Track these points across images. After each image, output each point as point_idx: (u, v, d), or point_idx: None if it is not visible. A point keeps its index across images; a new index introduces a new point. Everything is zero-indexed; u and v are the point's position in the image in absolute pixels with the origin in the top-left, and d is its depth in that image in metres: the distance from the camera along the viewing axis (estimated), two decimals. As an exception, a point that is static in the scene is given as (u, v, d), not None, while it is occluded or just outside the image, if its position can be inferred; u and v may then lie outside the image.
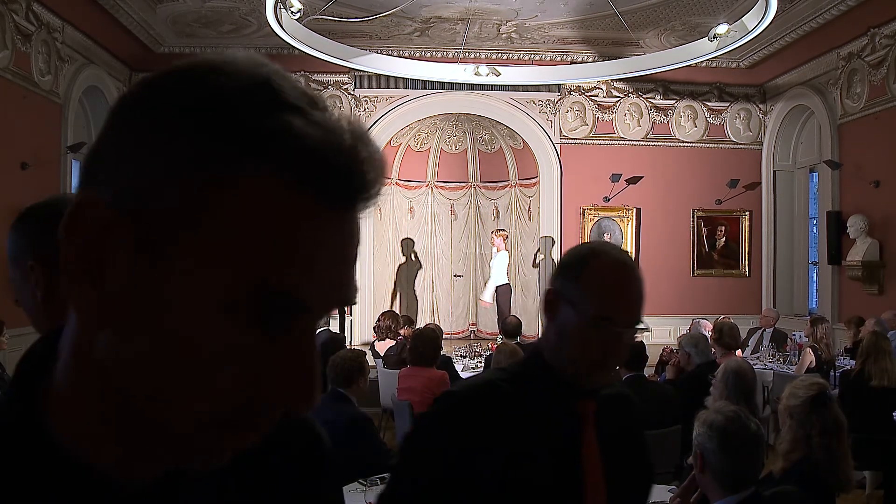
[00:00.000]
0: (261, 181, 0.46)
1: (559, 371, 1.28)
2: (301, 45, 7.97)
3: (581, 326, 1.24)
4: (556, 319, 1.29)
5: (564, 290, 1.28)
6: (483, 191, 11.68)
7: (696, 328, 6.66)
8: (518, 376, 1.33)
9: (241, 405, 0.47)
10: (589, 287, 1.25)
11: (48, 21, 7.93)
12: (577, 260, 1.30)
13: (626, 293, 1.27)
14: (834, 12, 8.20)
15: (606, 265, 1.27)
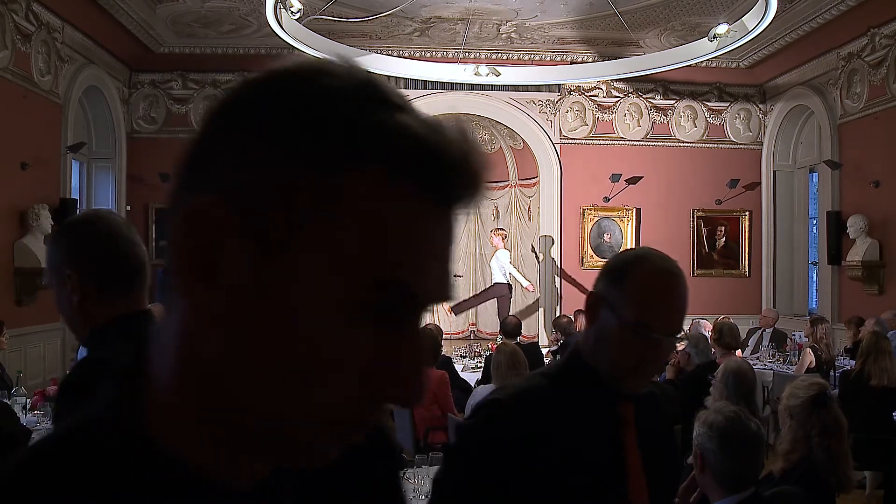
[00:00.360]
0: (377, 179, 0.46)
1: (599, 373, 1.29)
2: (301, 46, 7.96)
3: (620, 331, 1.25)
4: (595, 322, 1.30)
5: (607, 294, 1.29)
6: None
7: (696, 328, 6.66)
8: (559, 379, 1.34)
9: (354, 402, 0.47)
10: (631, 292, 1.26)
11: (48, 21, 7.93)
12: (622, 265, 1.32)
13: (667, 301, 1.28)
14: (834, 12, 8.19)
15: (650, 272, 1.28)
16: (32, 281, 7.57)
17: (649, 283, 1.26)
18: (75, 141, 8.58)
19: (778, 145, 10.81)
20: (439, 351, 5.06)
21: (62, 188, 8.43)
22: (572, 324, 6.88)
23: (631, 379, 1.28)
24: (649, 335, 1.23)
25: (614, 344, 1.26)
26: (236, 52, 10.21)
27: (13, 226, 7.50)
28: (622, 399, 1.30)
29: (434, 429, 4.64)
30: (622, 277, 1.27)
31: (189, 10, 8.77)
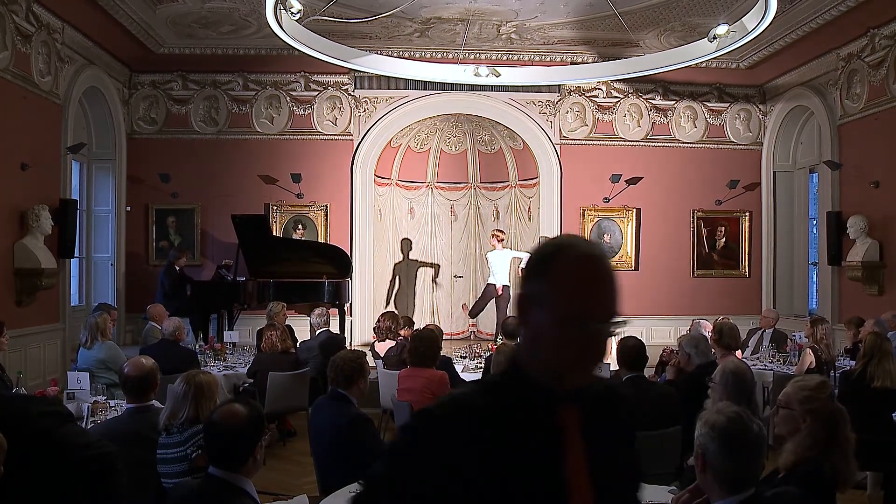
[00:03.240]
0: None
1: (536, 378, 1.21)
2: (301, 46, 7.96)
3: (553, 328, 1.17)
4: (528, 324, 1.22)
5: (533, 292, 1.21)
6: (483, 191, 11.68)
7: (696, 329, 6.66)
8: (494, 389, 1.24)
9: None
10: (556, 286, 1.18)
11: (48, 22, 7.93)
12: (542, 258, 1.22)
13: (595, 287, 1.20)
14: (834, 13, 8.20)
15: (572, 260, 1.19)
16: (32, 281, 7.57)
17: (574, 272, 1.18)
18: (75, 141, 8.58)
19: (778, 146, 10.81)
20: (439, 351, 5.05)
21: (62, 189, 8.43)
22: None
23: (576, 374, 1.20)
24: (585, 326, 1.16)
25: (549, 342, 1.18)
26: (236, 52, 10.21)
27: (13, 226, 7.50)
28: (565, 403, 1.21)
29: (434, 429, 4.63)
30: (544, 271, 1.19)
31: (189, 10, 8.77)
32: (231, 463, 2.34)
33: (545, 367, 1.20)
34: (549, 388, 1.21)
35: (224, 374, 6.36)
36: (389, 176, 11.18)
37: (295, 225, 10.41)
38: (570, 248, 1.22)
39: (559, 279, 1.18)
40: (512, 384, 1.24)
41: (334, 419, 3.50)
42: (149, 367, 3.54)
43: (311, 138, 10.52)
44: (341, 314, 9.48)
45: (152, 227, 10.33)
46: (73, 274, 9.24)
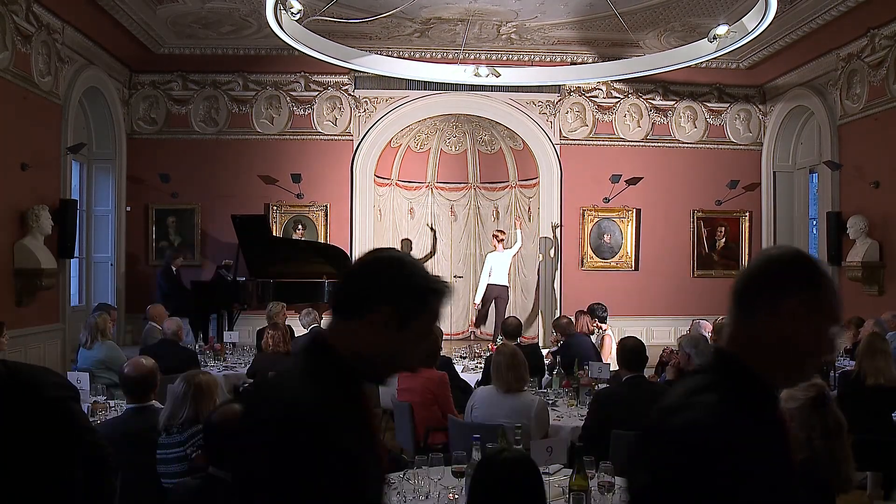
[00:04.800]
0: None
1: (760, 375, 1.32)
2: (301, 46, 7.96)
3: (819, 332, 1.32)
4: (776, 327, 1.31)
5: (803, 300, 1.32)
6: (483, 192, 11.68)
7: (695, 329, 6.66)
8: (730, 390, 1.30)
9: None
10: (829, 294, 1.33)
11: (48, 22, 7.93)
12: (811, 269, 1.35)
13: None
14: (834, 13, 8.20)
15: (827, 272, 1.40)
16: (32, 281, 7.57)
17: (832, 283, 1.38)
18: (75, 141, 8.58)
19: (778, 146, 10.81)
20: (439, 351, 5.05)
21: (62, 189, 8.43)
22: (572, 324, 6.86)
23: (813, 371, 1.39)
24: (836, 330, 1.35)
25: (813, 344, 1.32)
26: (236, 52, 10.21)
27: (13, 226, 7.50)
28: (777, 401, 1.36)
29: (434, 429, 4.63)
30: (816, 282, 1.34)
31: (189, 11, 8.78)
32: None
33: (784, 367, 1.33)
34: (772, 385, 1.34)
35: (224, 374, 6.36)
36: (389, 176, 11.18)
37: (295, 225, 10.41)
38: (820, 263, 1.40)
39: (831, 289, 1.34)
40: (741, 382, 1.32)
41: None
42: (149, 367, 3.54)
43: (311, 138, 10.52)
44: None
45: (152, 227, 10.33)
46: (73, 274, 9.24)
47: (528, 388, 4.31)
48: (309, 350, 1.39)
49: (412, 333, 1.37)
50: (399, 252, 1.50)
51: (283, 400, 1.28)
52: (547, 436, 4.07)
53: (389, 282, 1.37)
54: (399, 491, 2.95)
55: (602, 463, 2.96)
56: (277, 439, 1.23)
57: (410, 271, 1.39)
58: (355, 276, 1.43)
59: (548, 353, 6.85)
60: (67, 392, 2.43)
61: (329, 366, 1.34)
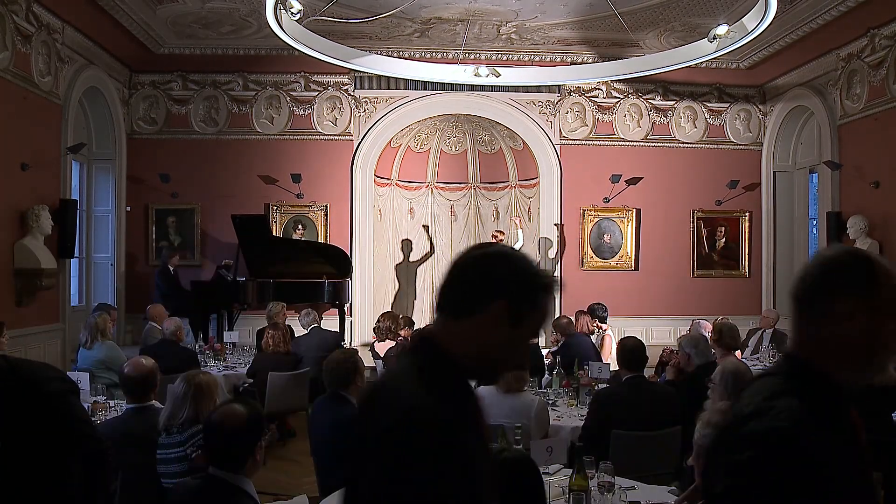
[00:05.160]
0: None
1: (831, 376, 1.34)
2: (301, 46, 7.96)
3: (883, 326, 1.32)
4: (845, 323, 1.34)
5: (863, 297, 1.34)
6: (483, 192, 11.68)
7: (695, 329, 6.66)
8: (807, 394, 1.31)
9: None
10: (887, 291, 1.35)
11: (48, 22, 7.93)
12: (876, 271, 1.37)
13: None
14: (833, 13, 8.20)
15: None
16: (32, 281, 7.57)
17: None
18: (75, 141, 8.58)
19: (778, 146, 10.81)
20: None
21: (62, 189, 8.43)
22: (572, 324, 6.86)
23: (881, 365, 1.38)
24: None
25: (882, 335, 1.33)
26: (236, 52, 10.21)
27: (13, 226, 7.50)
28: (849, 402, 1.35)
29: (434, 429, 4.63)
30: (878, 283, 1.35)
31: (189, 11, 8.77)
32: (231, 463, 2.34)
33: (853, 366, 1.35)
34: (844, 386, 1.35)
35: (224, 374, 6.36)
36: (389, 176, 11.18)
37: (295, 225, 10.41)
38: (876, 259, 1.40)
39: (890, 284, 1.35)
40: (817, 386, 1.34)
41: (334, 419, 3.50)
42: (149, 367, 3.54)
43: (311, 138, 10.52)
44: (341, 314, 9.48)
45: (152, 227, 10.33)
46: (73, 274, 9.24)
47: (528, 388, 4.31)
48: (419, 352, 1.37)
49: (524, 330, 1.34)
50: (506, 247, 1.47)
51: (403, 405, 1.25)
52: (547, 436, 4.07)
53: (501, 277, 1.33)
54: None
55: (602, 463, 2.95)
56: (402, 445, 1.20)
57: (521, 265, 1.36)
58: (464, 273, 1.37)
59: (548, 353, 6.85)
60: (67, 386, 2.45)
61: (442, 367, 1.32)
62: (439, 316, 1.36)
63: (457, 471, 1.21)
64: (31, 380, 2.30)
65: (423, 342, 1.37)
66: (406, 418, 1.22)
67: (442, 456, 1.20)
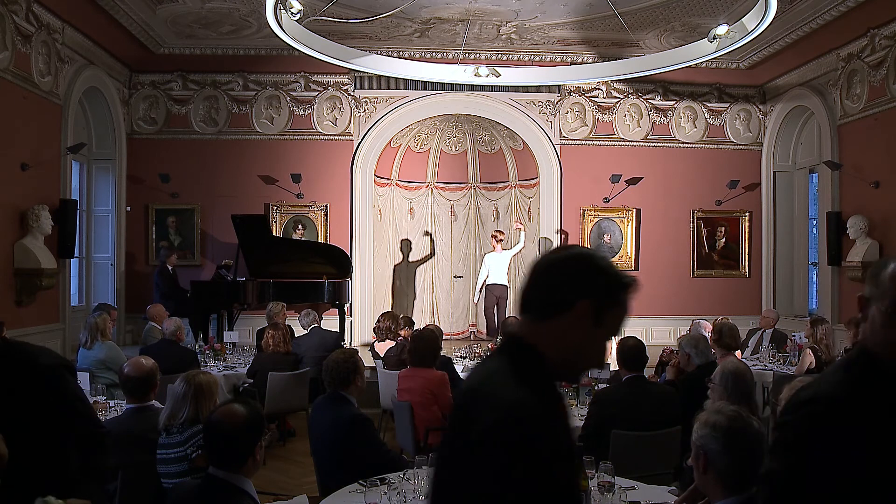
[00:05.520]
0: None
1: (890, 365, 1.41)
2: (301, 46, 7.96)
3: None
4: None
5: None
6: (483, 192, 11.68)
7: (695, 329, 6.65)
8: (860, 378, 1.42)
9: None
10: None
11: (48, 22, 7.93)
12: None
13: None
14: (833, 13, 8.20)
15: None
16: (32, 281, 7.57)
17: None
18: (75, 142, 8.58)
19: (778, 146, 10.81)
20: (439, 352, 5.05)
21: (62, 189, 8.43)
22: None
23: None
24: None
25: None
26: (236, 52, 10.21)
27: (13, 226, 7.50)
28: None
29: (434, 429, 4.63)
30: None
31: (189, 10, 8.77)
32: (231, 463, 2.34)
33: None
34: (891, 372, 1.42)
35: (224, 374, 6.36)
36: (389, 176, 11.18)
37: (295, 225, 10.41)
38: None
39: None
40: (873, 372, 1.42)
41: (334, 419, 3.50)
42: (149, 367, 3.54)
43: (311, 138, 10.52)
44: (341, 314, 9.48)
45: (152, 227, 10.34)
46: (73, 274, 9.24)
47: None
48: (509, 352, 1.42)
49: (605, 329, 1.40)
50: (585, 248, 1.52)
51: (502, 404, 1.29)
52: (547, 436, 4.06)
53: (584, 277, 1.39)
54: (399, 491, 2.95)
55: (602, 463, 2.96)
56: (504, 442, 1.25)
57: (602, 266, 1.42)
58: (547, 275, 1.42)
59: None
60: (61, 361, 2.48)
61: (533, 366, 1.37)
62: (524, 317, 1.42)
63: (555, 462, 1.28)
64: (25, 353, 2.34)
65: (513, 342, 1.42)
66: (506, 416, 1.27)
67: (541, 449, 1.26)
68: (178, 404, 3.27)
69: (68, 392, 2.40)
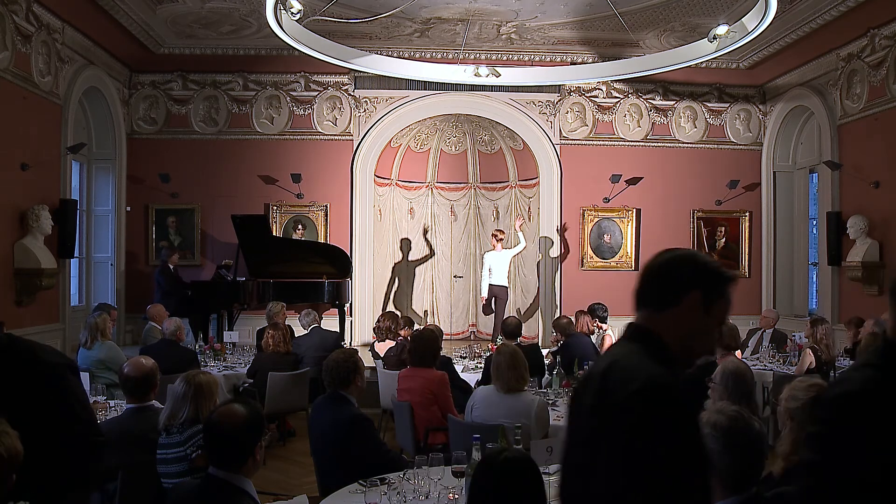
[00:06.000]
0: None
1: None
2: (301, 46, 7.96)
3: None
4: None
5: None
6: (483, 191, 11.68)
7: (696, 329, 6.64)
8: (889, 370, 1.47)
9: None
10: None
11: (48, 22, 7.93)
12: None
13: None
14: (833, 13, 8.20)
15: None
16: (32, 281, 7.57)
17: None
18: (75, 141, 8.58)
19: (778, 146, 10.81)
20: (439, 352, 5.05)
21: (62, 189, 8.43)
22: (572, 324, 6.87)
23: None
24: None
25: None
26: (236, 52, 10.21)
27: (13, 226, 7.50)
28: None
29: (434, 429, 4.63)
30: None
31: (189, 10, 8.78)
32: (231, 463, 2.34)
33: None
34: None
35: (224, 374, 6.36)
36: (389, 176, 11.18)
37: (295, 225, 10.41)
38: None
39: None
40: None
41: (334, 419, 3.50)
42: (149, 367, 3.55)
43: (311, 138, 10.53)
44: (341, 314, 9.48)
45: (152, 227, 10.34)
46: (73, 274, 9.24)
47: (528, 388, 4.31)
48: (638, 340, 1.61)
49: (713, 317, 1.60)
50: (689, 249, 1.75)
51: (644, 374, 1.47)
52: (547, 436, 4.07)
53: (693, 271, 1.61)
54: (399, 491, 2.95)
55: (602, 463, 2.94)
56: (649, 405, 1.41)
57: (707, 261, 1.66)
58: (660, 273, 1.64)
59: (548, 353, 6.85)
60: (65, 361, 2.48)
61: (660, 351, 1.56)
62: (642, 311, 1.64)
63: (693, 429, 1.46)
64: (28, 350, 2.34)
65: (640, 331, 1.62)
66: (650, 383, 1.44)
67: (682, 415, 1.44)
68: (178, 404, 3.27)
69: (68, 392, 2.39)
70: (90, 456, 2.44)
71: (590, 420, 1.53)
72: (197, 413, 3.23)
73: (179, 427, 3.24)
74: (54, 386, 2.34)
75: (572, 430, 1.65)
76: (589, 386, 1.59)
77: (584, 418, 1.57)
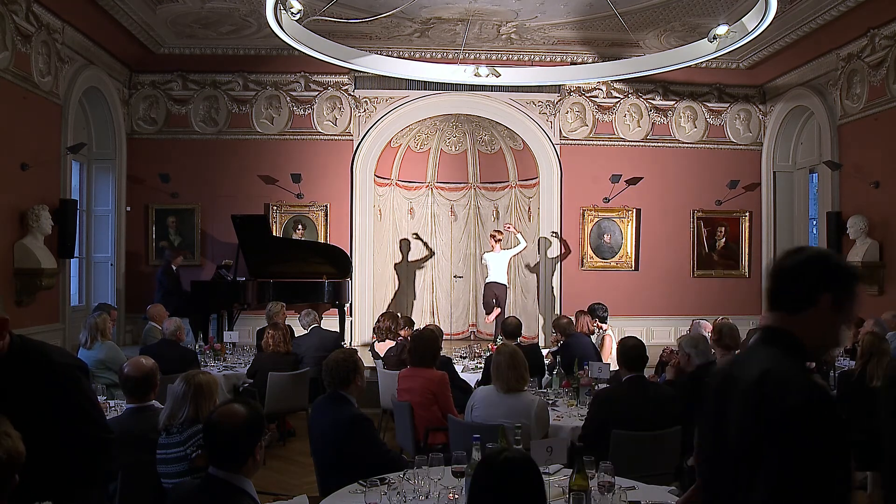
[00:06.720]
0: None
1: None
2: (301, 46, 7.96)
3: None
4: None
5: None
6: (483, 191, 11.68)
7: (695, 329, 6.65)
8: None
9: None
10: None
11: (48, 22, 7.93)
12: None
13: None
14: (834, 13, 8.20)
15: None
16: (32, 281, 7.58)
17: None
18: (75, 141, 8.58)
19: (778, 146, 10.82)
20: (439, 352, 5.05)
21: (62, 189, 8.43)
22: (572, 324, 6.86)
23: None
24: None
25: None
26: (236, 52, 10.21)
27: (13, 226, 7.50)
28: None
29: (434, 429, 4.63)
30: None
31: (189, 11, 8.78)
32: (231, 463, 2.34)
33: None
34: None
35: (224, 374, 6.36)
36: (389, 176, 11.18)
37: (295, 225, 10.41)
38: None
39: None
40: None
41: (334, 419, 3.50)
42: (149, 367, 3.54)
43: (311, 138, 10.53)
44: (341, 314, 9.48)
45: (152, 227, 10.34)
46: (73, 274, 9.24)
47: (528, 388, 4.31)
48: (778, 342, 1.67)
49: (842, 316, 1.66)
50: (819, 249, 1.81)
51: (804, 384, 1.54)
52: (547, 436, 4.07)
53: (824, 274, 1.65)
54: (399, 491, 2.95)
55: (602, 463, 2.95)
56: (810, 422, 1.49)
57: (836, 262, 1.69)
58: (793, 276, 1.69)
59: (548, 353, 6.85)
60: (76, 363, 2.50)
61: (800, 352, 1.65)
62: (776, 313, 1.70)
63: (845, 444, 1.53)
64: (41, 351, 2.36)
65: (777, 334, 1.68)
66: (812, 397, 1.51)
67: (839, 432, 1.51)
68: (177, 404, 3.27)
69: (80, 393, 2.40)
70: (103, 454, 2.46)
71: (743, 433, 1.57)
72: (197, 413, 3.23)
73: (179, 427, 3.24)
74: (67, 387, 2.35)
75: (715, 438, 1.69)
76: (734, 394, 1.64)
77: (733, 427, 1.61)
